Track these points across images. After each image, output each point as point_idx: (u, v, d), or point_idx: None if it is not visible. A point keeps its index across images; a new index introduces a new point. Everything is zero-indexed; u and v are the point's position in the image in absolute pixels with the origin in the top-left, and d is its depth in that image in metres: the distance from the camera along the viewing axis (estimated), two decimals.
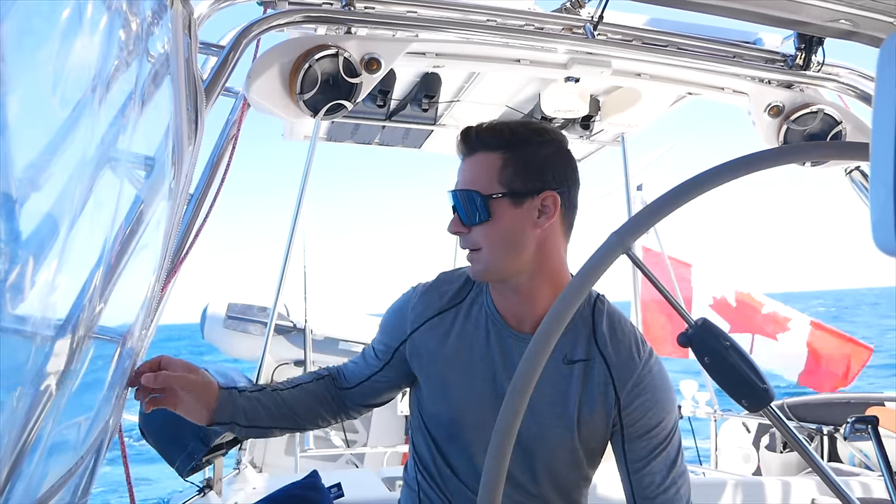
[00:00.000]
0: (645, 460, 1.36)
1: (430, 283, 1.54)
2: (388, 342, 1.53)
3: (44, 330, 0.95)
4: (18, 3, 0.74)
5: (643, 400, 1.37)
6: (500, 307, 1.43)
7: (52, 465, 1.02)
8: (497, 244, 1.34)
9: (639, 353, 1.40)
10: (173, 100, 1.30)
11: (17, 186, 0.92)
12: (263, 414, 1.47)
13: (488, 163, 1.35)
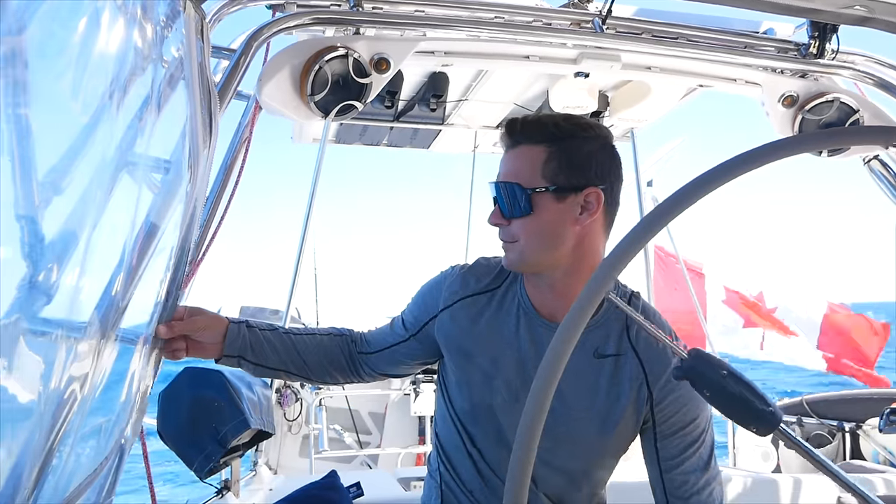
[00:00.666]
0: (678, 458, 1.35)
1: (469, 265, 1.54)
2: (419, 315, 1.54)
3: (68, 332, 0.97)
4: (40, 12, 0.75)
5: (676, 396, 1.35)
6: (534, 298, 1.43)
7: (79, 466, 1.03)
8: (535, 238, 1.34)
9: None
10: (188, 103, 1.31)
11: (40, 191, 0.93)
12: (271, 353, 1.51)
13: (532, 156, 1.33)
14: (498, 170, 1.40)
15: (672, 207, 0.82)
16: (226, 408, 2.38)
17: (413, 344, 1.56)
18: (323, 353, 1.57)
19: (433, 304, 1.52)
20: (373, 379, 1.64)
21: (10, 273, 0.87)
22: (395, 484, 2.98)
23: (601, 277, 0.79)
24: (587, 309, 0.77)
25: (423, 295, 1.57)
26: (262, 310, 5.31)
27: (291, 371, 1.55)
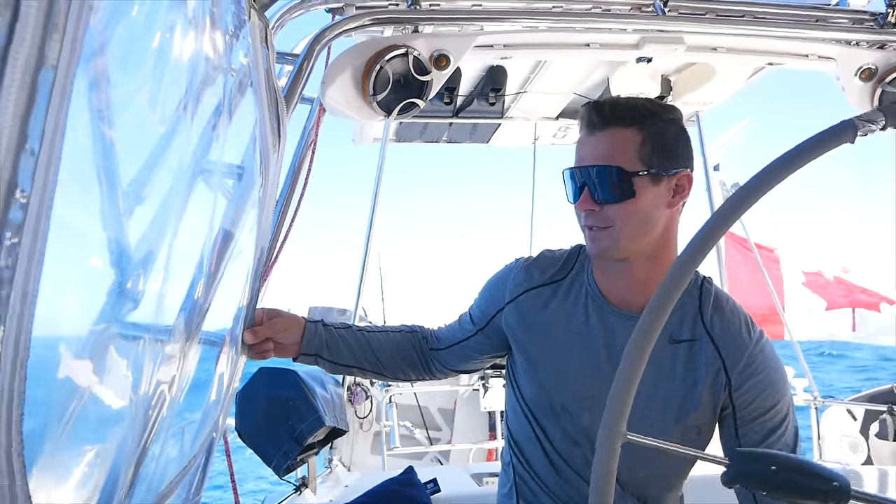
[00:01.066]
0: (762, 445, 1.31)
1: (534, 257, 1.54)
2: (485, 309, 1.55)
3: (155, 336, 1.00)
4: (119, 31, 0.78)
5: (756, 381, 1.32)
6: (603, 286, 1.42)
7: (169, 464, 1.07)
8: (631, 223, 1.31)
9: (749, 332, 1.36)
10: (257, 109, 1.34)
11: (124, 200, 0.96)
12: (346, 350, 1.55)
13: (626, 138, 1.31)
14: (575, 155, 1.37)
15: (756, 188, 0.80)
16: (301, 406, 2.44)
17: (481, 338, 1.57)
18: (396, 349, 1.60)
19: (499, 298, 1.53)
20: (444, 375, 1.67)
21: (100, 280, 0.91)
22: (469, 479, 2.99)
23: (686, 263, 0.78)
24: (673, 295, 0.76)
25: (488, 289, 1.58)
26: (330, 309, 5.40)
27: (365, 368, 1.59)
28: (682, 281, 0.80)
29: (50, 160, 0.59)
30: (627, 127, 1.31)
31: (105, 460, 0.83)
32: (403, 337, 1.62)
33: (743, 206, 0.82)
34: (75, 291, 0.82)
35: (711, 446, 1.42)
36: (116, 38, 0.77)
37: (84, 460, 0.79)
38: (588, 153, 1.34)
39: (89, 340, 0.85)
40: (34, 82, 0.54)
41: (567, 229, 1.64)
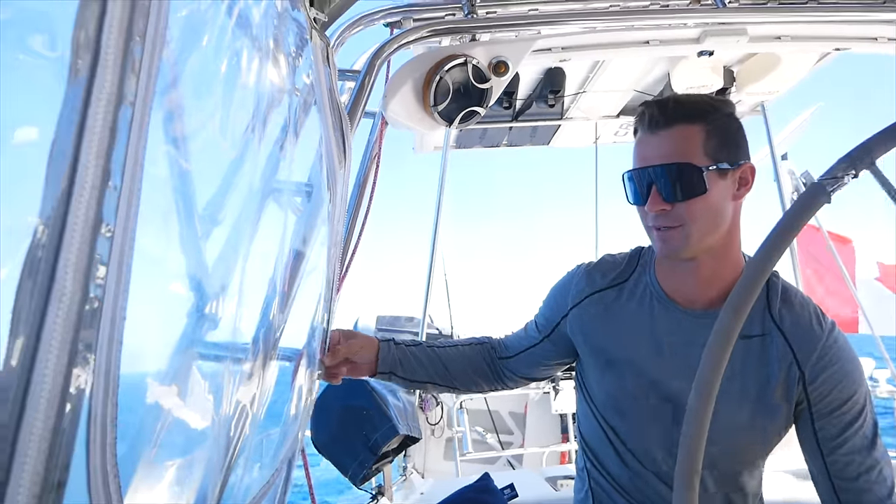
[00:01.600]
0: (840, 438, 1.28)
1: (595, 262, 1.55)
2: (550, 316, 1.57)
3: (235, 355, 1.03)
4: (191, 61, 0.81)
5: (831, 373, 1.29)
6: (667, 286, 1.41)
7: (253, 481, 1.10)
8: (703, 219, 1.30)
9: (820, 324, 1.33)
10: (322, 127, 1.36)
11: (200, 223, 0.99)
12: (418, 368, 1.60)
13: (692, 134, 1.30)
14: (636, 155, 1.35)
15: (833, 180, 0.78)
16: (374, 416, 2.46)
17: (547, 345, 1.58)
18: (466, 362, 1.63)
19: (563, 304, 1.54)
20: (515, 384, 1.68)
21: (180, 304, 0.94)
22: (544, 483, 2.97)
23: (810, 198, 0.75)
24: (752, 292, 0.74)
25: (552, 296, 1.59)
26: (398, 318, 5.45)
27: (438, 382, 1.63)
28: (758, 281, 0.78)
29: (131, 193, 0.61)
30: (693, 123, 1.30)
31: (193, 480, 0.85)
32: (473, 349, 1.65)
33: (874, 153, 0.78)
34: (157, 317, 0.85)
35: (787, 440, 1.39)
36: (188, 70, 0.80)
37: (173, 481, 0.82)
38: (653, 152, 1.32)
39: (172, 364, 0.88)
40: (115, 120, 0.57)
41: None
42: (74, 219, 0.52)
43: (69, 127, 0.51)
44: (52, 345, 0.52)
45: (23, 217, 0.49)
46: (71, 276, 0.52)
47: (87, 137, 0.53)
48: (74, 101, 0.51)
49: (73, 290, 0.53)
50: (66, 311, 0.53)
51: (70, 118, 0.51)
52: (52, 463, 0.53)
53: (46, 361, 0.51)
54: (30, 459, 0.51)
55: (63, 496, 0.54)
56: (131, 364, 0.67)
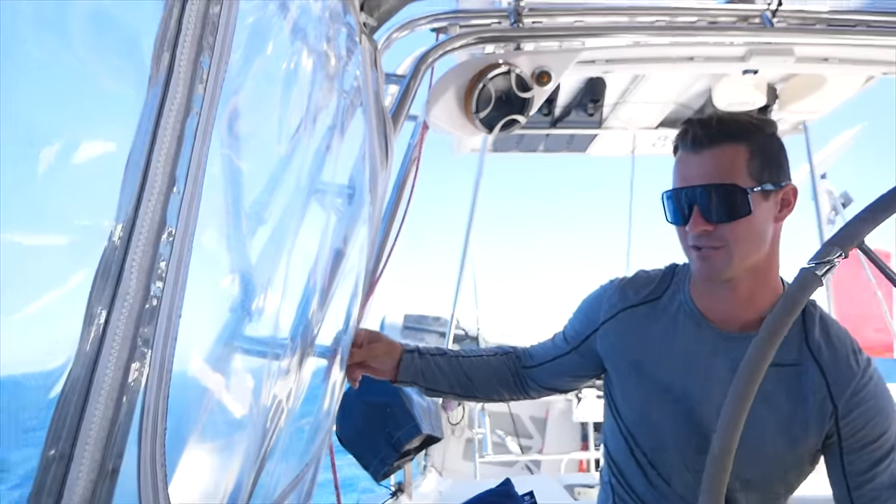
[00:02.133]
0: (869, 474, 1.27)
1: (629, 278, 1.53)
2: (580, 328, 1.55)
3: (275, 350, 1.06)
4: (254, 68, 0.84)
5: (864, 409, 1.28)
6: (703, 305, 1.39)
7: (284, 473, 1.13)
8: (746, 241, 1.27)
9: (857, 360, 1.31)
10: (366, 130, 1.39)
11: (247, 222, 1.02)
12: (441, 378, 1.59)
13: (737, 155, 1.27)
14: (677, 174, 1.33)
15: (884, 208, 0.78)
16: (398, 413, 2.49)
17: (575, 357, 1.56)
18: (491, 372, 1.63)
19: (594, 318, 1.52)
20: (538, 394, 1.67)
21: (226, 299, 0.97)
22: (563, 491, 2.98)
23: (802, 286, 0.77)
24: (788, 318, 0.75)
25: (583, 309, 1.58)
26: (425, 317, 5.49)
27: (458, 393, 1.64)
28: (794, 310, 0.79)
29: (193, 197, 0.64)
30: (737, 142, 1.27)
31: (230, 469, 0.88)
32: (498, 359, 1.65)
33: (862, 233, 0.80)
34: (205, 312, 0.88)
35: (815, 473, 1.38)
36: (249, 76, 0.83)
37: (212, 469, 0.85)
38: (696, 172, 1.29)
39: (217, 357, 0.91)
40: (182, 129, 0.60)
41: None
42: (142, 222, 0.56)
43: (144, 136, 0.54)
44: (115, 341, 0.55)
45: (100, 220, 0.52)
46: (136, 276, 0.56)
47: (157, 145, 0.56)
48: (150, 112, 0.54)
49: (136, 290, 0.56)
50: (129, 309, 0.56)
51: (145, 127, 0.54)
52: (108, 451, 0.56)
53: (109, 356, 0.55)
54: (89, 447, 0.54)
55: (116, 482, 0.58)
56: (180, 356, 0.70)
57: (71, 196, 0.55)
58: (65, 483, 0.52)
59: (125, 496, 0.61)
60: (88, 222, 0.53)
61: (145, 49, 0.53)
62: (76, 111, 0.51)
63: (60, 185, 0.53)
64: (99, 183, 0.56)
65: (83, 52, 0.49)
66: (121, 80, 0.54)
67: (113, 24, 0.54)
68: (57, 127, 0.48)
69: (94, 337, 0.53)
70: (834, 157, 4.66)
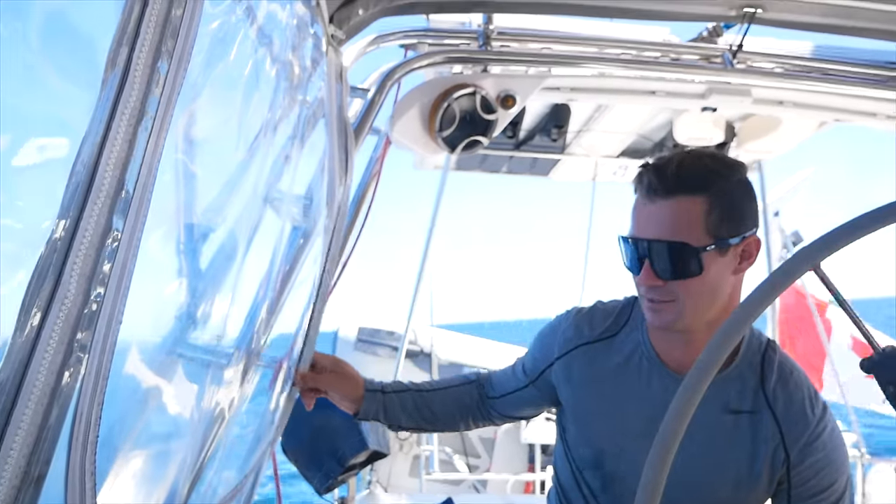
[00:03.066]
0: None
1: (586, 310, 1.47)
2: (535, 362, 1.51)
3: (219, 358, 1.04)
4: (215, 74, 0.83)
5: (816, 459, 1.27)
6: (660, 348, 1.34)
7: (221, 483, 1.11)
8: (698, 298, 1.22)
9: (812, 408, 1.29)
10: (327, 143, 1.39)
11: (198, 228, 1.01)
12: (403, 416, 1.57)
13: (692, 208, 1.20)
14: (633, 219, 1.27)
15: (813, 254, 0.80)
16: (344, 427, 2.47)
17: (532, 391, 1.52)
18: (456, 403, 1.60)
19: (549, 353, 1.47)
20: (503, 421, 1.65)
21: (171, 306, 0.95)
22: None
23: (734, 326, 0.78)
24: (717, 360, 0.77)
25: (539, 341, 1.53)
26: (378, 331, 5.47)
27: (423, 427, 1.63)
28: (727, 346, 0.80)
29: (141, 203, 0.63)
30: (694, 195, 1.19)
31: (166, 478, 0.87)
32: (461, 389, 1.61)
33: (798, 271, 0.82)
34: (150, 317, 0.87)
35: None
36: (209, 81, 0.82)
37: (147, 477, 0.83)
38: (649, 223, 1.23)
39: (157, 364, 0.89)
40: (135, 133, 0.59)
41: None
42: (86, 225, 0.54)
43: (94, 138, 0.53)
44: (49, 344, 0.54)
45: (41, 221, 0.51)
46: (76, 280, 0.54)
47: (107, 148, 0.55)
48: (101, 114, 0.53)
49: (75, 294, 0.55)
50: (66, 313, 0.54)
51: (96, 129, 0.53)
52: (34, 457, 0.54)
53: (42, 360, 0.53)
54: (14, 453, 0.53)
55: (41, 489, 0.56)
56: (119, 363, 0.69)
57: (11, 193, 0.53)
58: None
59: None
60: (29, 222, 0.52)
61: (100, 50, 0.52)
62: (25, 108, 0.50)
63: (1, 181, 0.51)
64: (41, 183, 0.55)
65: (37, 49, 0.48)
66: (73, 80, 0.53)
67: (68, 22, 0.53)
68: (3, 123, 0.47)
69: (27, 339, 0.52)
70: (787, 196, 4.79)
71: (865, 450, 4.49)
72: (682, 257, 1.19)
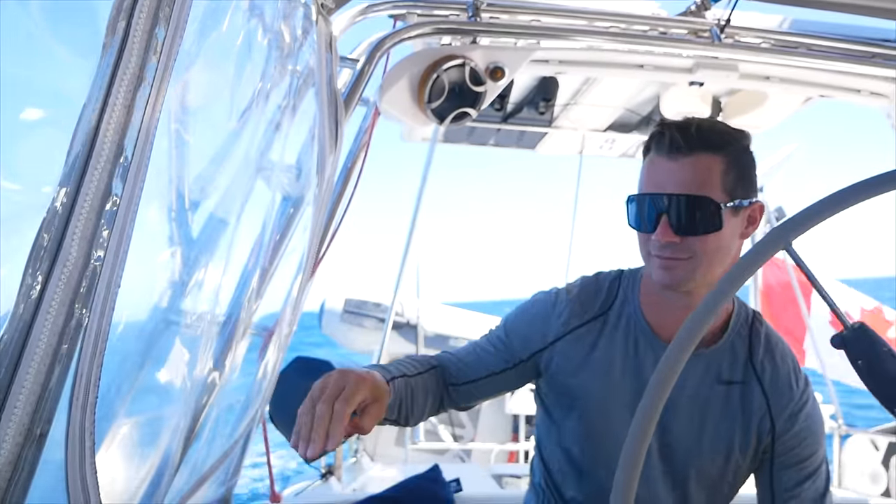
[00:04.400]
0: (795, 490, 1.32)
1: (576, 290, 1.43)
2: (524, 346, 1.41)
3: (211, 325, 1.06)
4: (208, 43, 0.84)
5: (799, 429, 1.32)
6: (653, 319, 1.34)
7: (213, 448, 1.13)
8: (713, 255, 1.23)
9: (797, 380, 1.34)
10: (317, 112, 1.39)
11: (190, 196, 1.02)
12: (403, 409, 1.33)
13: (713, 166, 1.22)
14: (647, 178, 1.26)
15: (798, 225, 0.82)
16: None
17: (511, 375, 1.43)
18: (428, 393, 1.39)
19: (542, 336, 1.40)
20: (459, 409, 1.50)
21: (164, 271, 0.96)
22: (490, 480, 3.03)
23: (719, 294, 0.80)
24: (701, 326, 0.79)
25: (528, 325, 1.43)
26: (365, 302, 5.49)
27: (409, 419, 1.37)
28: (710, 314, 0.82)
29: (139, 168, 0.64)
30: (714, 153, 1.22)
31: (160, 441, 0.88)
32: (430, 378, 1.39)
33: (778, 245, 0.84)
34: (144, 283, 0.88)
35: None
36: (205, 50, 0.83)
37: (142, 439, 0.85)
38: (670, 179, 1.22)
39: (152, 329, 0.91)
40: (133, 98, 0.60)
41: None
42: (87, 189, 0.56)
43: (94, 103, 0.54)
44: (52, 306, 0.55)
45: (42, 184, 0.52)
46: (77, 244, 0.56)
47: (107, 113, 0.56)
48: (101, 80, 0.54)
49: (76, 257, 0.56)
50: (68, 276, 0.56)
51: (96, 95, 0.54)
52: (37, 416, 0.56)
53: (45, 321, 0.55)
54: (17, 411, 0.55)
55: (43, 446, 0.58)
56: (115, 327, 0.70)
57: (12, 158, 0.54)
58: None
59: (51, 461, 0.61)
60: (30, 185, 0.53)
61: (101, 17, 0.53)
62: (27, 74, 0.50)
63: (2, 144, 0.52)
64: (42, 148, 0.55)
65: (39, 17, 0.49)
66: (74, 46, 0.53)
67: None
68: (5, 89, 0.48)
69: (31, 301, 0.53)
70: (771, 172, 4.83)
71: (843, 421, 4.59)
72: (705, 212, 1.20)
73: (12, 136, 0.48)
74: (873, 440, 4.48)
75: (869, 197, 0.80)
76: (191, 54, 0.80)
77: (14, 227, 0.53)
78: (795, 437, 1.32)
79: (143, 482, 0.82)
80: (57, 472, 0.62)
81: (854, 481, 4.51)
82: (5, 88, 0.48)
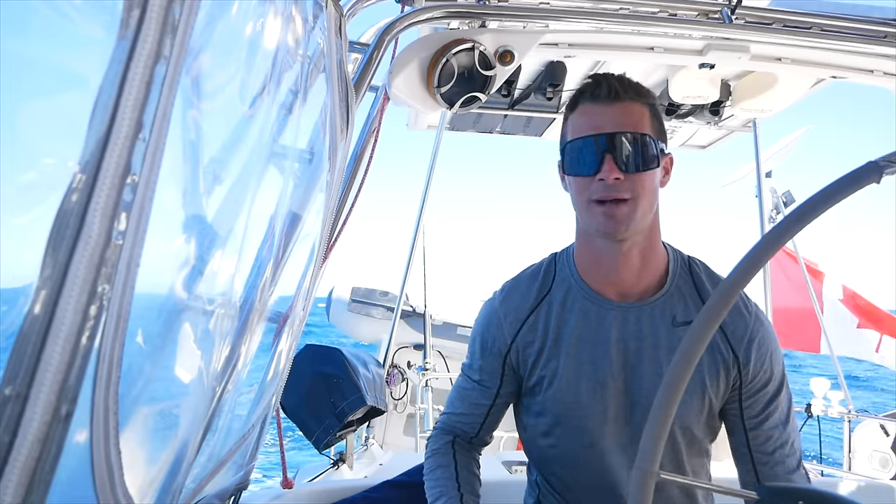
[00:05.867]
0: (763, 414, 1.36)
1: (509, 286, 1.50)
2: (493, 361, 1.48)
3: (226, 311, 1.06)
4: (220, 26, 0.83)
5: (760, 353, 1.36)
6: (596, 283, 1.39)
7: (230, 434, 1.13)
8: (647, 196, 1.30)
9: (747, 307, 1.39)
10: (328, 97, 1.38)
11: (204, 181, 1.01)
12: None
13: (643, 112, 1.32)
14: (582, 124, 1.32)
15: (811, 210, 0.82)
16: (344, 384, 2.50)
17: (500, 402, 1.53)
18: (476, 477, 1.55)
19: (501, 342, 1.47)
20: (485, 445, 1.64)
21: (179, 256, 0.96)
22: (500, 466, 3.03)
23: (737, 277, 0.80)
24: (718, 316, 0.78)
25: (483, 342, 1.50)
26: (373, 291, 5.50)
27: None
28: (727, 302, 0.82)
29: (157, 146, 0.64)
30: (643, 102, 1.33)
31: (179, 424, 0.88)
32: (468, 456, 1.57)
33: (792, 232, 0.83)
34: (159, 265, 0.87)
35: None
36: (218, 33, 0.82)
37: (162, 423, 0.85)
38: (610, 121, 1.29)
39: (169, 312, 0.90)
40: (152, 75, 0.59)
41: None
42: (107, 165, 0.55)
43: (113, 79, 0.53)
44: (75, 283, 0.54)
45: (64, 161, 0.51)
46: (98, 220, 0.55)
47: (126, 89, 0.55)
48: (120, 55, 0.53)
49: (98, 234, 0.56)
50: (90, 252, 0.55)
51: (115, 70, 0.53)
52: (63, 395, 0.56)
53: (69, 300, 0.54)
54: (45, 389, 0.54)
55: (70, 426, 0.57)
56: (133, 308, 0.70)
57: (35, 135, 0.54)
58: (20, 423, 0.52)
59: (76, 442, 0.60)
60: (53, 161, 0.52)
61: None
62: (45, 49, 0.50)
63: (23, 121, 0.52)
64: (62, 123, 0.55)
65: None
66: (92, 21, 0.53)
67: None
68: (26, 64, 0.48)
69: (55, 277, 0.53)
70: (779, 156, 4.81)
71: (853, 406, 4.59)
72: (647, 148, 1.29)
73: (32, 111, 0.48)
74: (883, 425, 4.49)
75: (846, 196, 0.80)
76: (203, 37, 0.80)
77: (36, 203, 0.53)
78: (758, 361, 1.37)
79: (164, 464, 0.82)
80: (82, 453, 0.62)
81: (864, 466, 4.52)
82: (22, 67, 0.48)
